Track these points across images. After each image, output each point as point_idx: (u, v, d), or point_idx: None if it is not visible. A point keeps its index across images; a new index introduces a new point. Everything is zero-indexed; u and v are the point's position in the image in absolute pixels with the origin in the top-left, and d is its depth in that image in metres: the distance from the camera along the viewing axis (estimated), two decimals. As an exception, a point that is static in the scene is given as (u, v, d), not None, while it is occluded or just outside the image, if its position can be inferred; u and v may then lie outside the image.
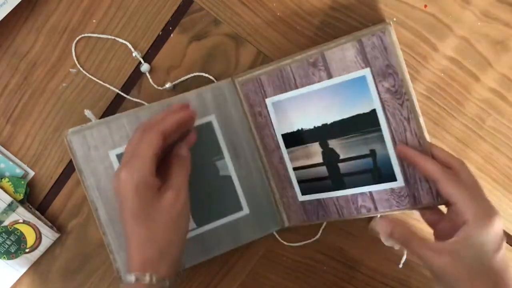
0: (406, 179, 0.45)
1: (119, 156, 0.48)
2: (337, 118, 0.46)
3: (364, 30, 0.44)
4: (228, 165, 0.50)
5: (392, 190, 0.46)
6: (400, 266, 0.54)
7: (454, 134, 0.53)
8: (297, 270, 0.55)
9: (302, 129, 0.48)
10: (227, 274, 0.55)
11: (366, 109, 0.45)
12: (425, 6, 0.51)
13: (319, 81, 0.46)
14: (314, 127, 0.47)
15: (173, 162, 0.44)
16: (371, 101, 0.44)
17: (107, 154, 0.48)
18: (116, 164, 0.48)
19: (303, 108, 0.47)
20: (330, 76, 0.45)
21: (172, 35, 0.52)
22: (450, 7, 0.51)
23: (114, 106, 0.53)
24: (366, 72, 0.44)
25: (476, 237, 0.37)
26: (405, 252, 0.54)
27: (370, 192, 0.47)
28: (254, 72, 0.49)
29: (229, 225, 0.51)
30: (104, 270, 0.54)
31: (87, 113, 0.50)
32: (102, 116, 0.53)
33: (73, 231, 0.54)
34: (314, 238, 0.54)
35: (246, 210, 0.51)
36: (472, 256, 0.37)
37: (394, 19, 0.51)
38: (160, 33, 0.52)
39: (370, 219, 0.54)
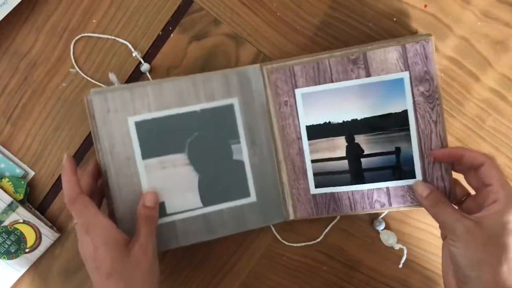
0: (424, 177, 0.48)
1: (138, 124, 0.47)
2: (369, 114, 0.49)
3: (409, 37, 0.48)
4: (243, 150, 0.50)
5: (409, 186, 0.49)
6: (400, 266, 0.54)
7: (454, 134, 0.53)
8: (297, 270, 0.55)
9: (329, 122, 0.50)
10: (227, 274, 0.55)
11: (398, 109, 0.48)
12: (425, 6, 0.51)
13: (356, 78, 0.48)
14: (343, 121, 0.49)
15: (138, 216, 0.46)
16: (404, 102, 0.47)
17: (126, 120, 0.47)
18: (134, 131, 0.47)
19: (335, 102, 0.49)
20: (368, 74, 0.48)
21: (172, 35, 0.52)
22: (450, 7, 0.51)
23: (114, 106, 0.53)
24: (405, 75, 0.47)
25: (503, 215, 0.40)
26: (405, 252, 0.54)
27: (387, 188, 0.49)
28: (288, 61, 0.49)
29: (235, 209, 0.51)
30: (104, 270, 0.54)
31: (111, 76, 0.50)
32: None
33: (73, 231, 0.54)
34: (316, 241, 0.54)
35: (253, 198, 0.51)
36: (494, 229, 0.40)
37: (394, 19, 0.51)
38: (160, 33, 0.52)
39: (372, 219, 0.54)
